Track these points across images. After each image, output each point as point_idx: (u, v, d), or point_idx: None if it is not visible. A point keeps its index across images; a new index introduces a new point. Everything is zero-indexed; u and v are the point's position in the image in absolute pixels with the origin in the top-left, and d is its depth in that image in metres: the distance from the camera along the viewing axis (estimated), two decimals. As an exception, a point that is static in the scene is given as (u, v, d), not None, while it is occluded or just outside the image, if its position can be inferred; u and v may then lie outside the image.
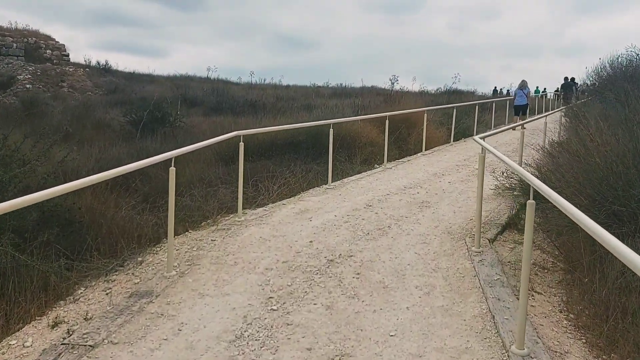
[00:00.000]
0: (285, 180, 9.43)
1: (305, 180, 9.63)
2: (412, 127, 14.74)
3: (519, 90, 19.03)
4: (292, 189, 8.88)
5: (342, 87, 36.02)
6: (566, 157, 6.95)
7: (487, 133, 6.93)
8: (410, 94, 30.31)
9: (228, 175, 10.41)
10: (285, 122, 13.22)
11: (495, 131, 7.59)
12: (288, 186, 8.91)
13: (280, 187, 8.90)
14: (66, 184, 3.80)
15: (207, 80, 37.66)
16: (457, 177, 9.96)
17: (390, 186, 9.06)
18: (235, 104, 23.15)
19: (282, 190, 8.79)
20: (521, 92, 18.85)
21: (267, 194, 8.51)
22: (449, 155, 12.80)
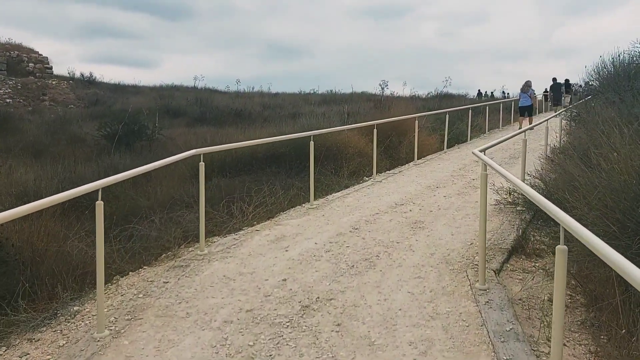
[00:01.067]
0: (262, 199, 8.43)
1: (286, 198, 8.63)
2: (403, 135, 13.79)
3: (521, 92, 18.76)
4: (270, 210, 7.87)
5: (332, 93, 35.06)
6: (582, 170, 5.98)
7: (488, 144, 5.96)
8: (401, 99, 29.36)
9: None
10: (267, 133, 12.22)
11: (497, 141, 6.61)
12: (265, 207, 7.90)
13: (257, 208, 7.88)
14: None
15: (193, 89, 36.60)
16: (453, 190, 8.98)
17: (380, 203, 8.07)
18: (219, 114, 22.15)
19: (259, 211, 7.78)
20: (524, 95, 18.59)
21: (241, 216, 7.50)
22: (442, 164, 11.83)
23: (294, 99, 31.64)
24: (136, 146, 15.40)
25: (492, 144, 6.10)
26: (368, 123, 10.58)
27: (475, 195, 8.51)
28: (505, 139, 7.17)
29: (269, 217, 7.59)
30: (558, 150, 9.91)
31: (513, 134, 7.55)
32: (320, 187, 9.46)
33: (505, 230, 6.50)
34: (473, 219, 7.06)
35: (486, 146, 5.75)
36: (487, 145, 5.78)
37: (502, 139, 6.95)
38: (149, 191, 9.64)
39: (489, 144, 5.97)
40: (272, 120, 20.99)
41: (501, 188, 7.97)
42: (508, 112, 22.04)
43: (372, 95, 31.16)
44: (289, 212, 7.68)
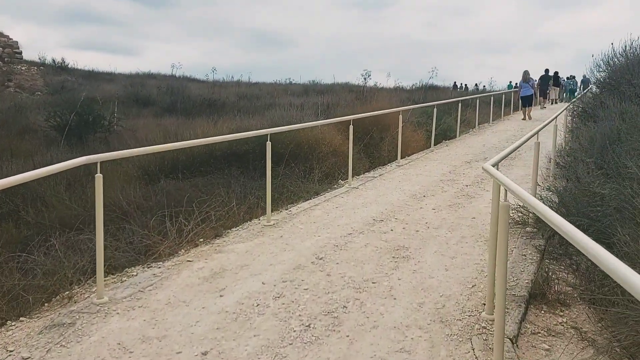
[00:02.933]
0: (213, 209, 6.72)
1: (241, 209, 6.94)
2: (385, 131, 12.10)
3: (523, 82, 18.66)
4: (216, 227, 6.15)
5: (314, 83, 33.24)
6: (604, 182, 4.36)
7: (500, 155, 4.30)
8: (384, 90, 27.71)
9: (145, 200, 7.71)
10: (235, 126, 10.48)
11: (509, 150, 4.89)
12: (210, 223, 6.18)
13: (201, 224, 6.17)
14: None
15: (171, 78, 34.59)
16: (443, 200, 7.33)
17: (354, 219, 6.39)
18: (191, 104, 20.28)
19: (203, 228, 6.07)
20: (526, 85, 18.51)
21: (177, 237, 5.78)
22: (430, 165, 10.17)
23: (273, 89, 29.79)
24: (90, 139, 13.57)
25: (504, 155, 4.41)
26: (343, 118, 8.87)
27: (471, 207, 6.87)
28: (518, 146, 5.48)
29: (214, 236, 5.88)
30: (565, 153, 8.29)
31: (524, 138, 5.89)
32: (284, 195, 7.76)
33: (515, 265, 4.85)
34: (472, 244, 5.41)
35: (499, 157, 4.06)
36: (499, 157, 4.10)
37: (514, 146, 5.26)
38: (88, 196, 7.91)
39: (501, 154, 4.29)
40: (247, 111, 19.26)
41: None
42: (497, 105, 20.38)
43: (355, 86, 29.42)
44: (238, 232, 5.96)
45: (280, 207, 7.33)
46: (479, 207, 6.93)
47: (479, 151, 11.67)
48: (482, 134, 15.04)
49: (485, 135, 14.67)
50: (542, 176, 8.49)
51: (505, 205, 3.12)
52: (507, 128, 16.40)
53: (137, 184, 8.47)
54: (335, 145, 9.84)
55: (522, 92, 18.57)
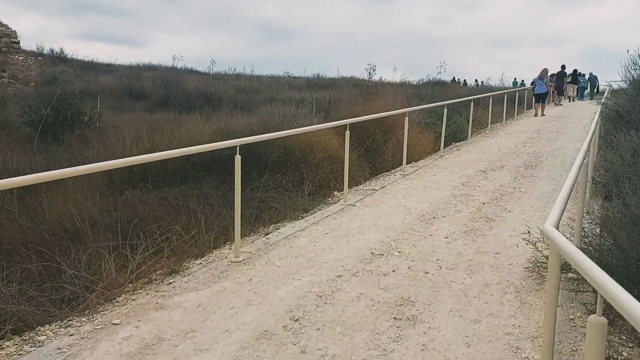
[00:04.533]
0: (174, 233, 5.39)
1: (210, 235, 5.59)
2: (389, 132, 10.70)
3: (538, 79, 18.51)
4: (176, 259, 4.80)
5: (318, 77, 31.78)
6: None
7: (557, 208, 2.87)
8: (390, 85, 26.25)
9: (102, 216, 6.40)
10: (210, 129, 9.09)
11: (566, 191, 3.40)
12: (174, 250, 4.84)
13: (157, 255, 4.83)
14: None
15: (171, 69, 33.22)
16: (457, 224, 5.94)
17: (347, 251, 5.02)
18: (186, 97, 18.92)
19: (157, 260, 4.73)
20: (540, 81, 18.38)
21: (120, 274, 4.43)
22: (439, 175, 8.75)
23: (275, 83, 28.36)
24: (68, 136, 12.23)
25: (561, 209, 2.93)
26: (337, 122, 7.42)
27: (492, 236, 5.48)
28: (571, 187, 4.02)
29: (170, 272, 4.54)
30: (602, 167, 6.85)
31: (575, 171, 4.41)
32: (266, 213, 6.39)
33: (563, 337, 3.46)
34: (498, 297, 4.03)
35: (556, 214, 2.64)
36: (556, 213, 2.68)
37: (567, 187, 3.75)
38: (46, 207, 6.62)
39: (558, 208, 2.83)
40: (244, 106, 17.90)
41: (539, 238, 4.93)
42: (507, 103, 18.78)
43: (360, 80, 28.00)
44: (195, 273, 4.59)
45: (258, 229, 5.98)
46: (501, 235, 5.54)
47: (495, 157, 10.24)
48: (496, 136, 13.58)
49: (499, 138, 13.21)
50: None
51: (598, 322, 1.72)
52: (521, 129, 14.93)
53: (97, 195, 7.14)
54: (331, 151, 8.45)
55: (537, 90, 18.46)
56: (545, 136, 13.29)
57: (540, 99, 18.41)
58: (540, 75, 18.51)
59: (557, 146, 11.56)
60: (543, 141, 12.40)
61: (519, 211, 6.47)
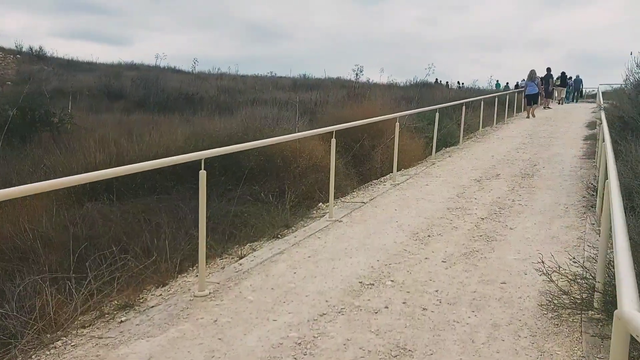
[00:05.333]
0: (131, 259, 4.67)
1: (181, 252, 4.87)
2: (378, 137, 10.03)
3: (529, 81, 18.57)
4: (127, 293, 4.06)
5: (305, 78, 31.07)
6: None
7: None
8: (377, 86, 25.63)
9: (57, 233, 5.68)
10: (183, 133, 8.32)
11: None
12: (119, 286, 4.10)
13: (106, 288, 4.10)
14: None
15: (154, 68, 32.27)
16: (455, 245, 5.27)
17: (332, 280, 4.31)
18: (165, 98, 18.10)
19: (104, 296, 3.99)
20: (531, 83, 18.44)
21: (55, 320, 3.68)
22: (432, 184, 8.08)
23: (261, 83, 27.59)
24: (36, 139, 11.39)
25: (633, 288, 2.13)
26: (322, 130, 6.67)
27: (495, 259, 4.82)
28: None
29: (122, 305, 3.80)
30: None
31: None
32: (241, 230, 5.68)
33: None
34: (511, 344, 3.34)
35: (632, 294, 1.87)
36: (632, 292, 1.90)
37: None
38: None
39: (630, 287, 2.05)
40: (226, 107, 17.16)
41: (551, 267, 4.27)
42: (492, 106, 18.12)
43: (347, 81, 27.32)
44: (150, 311, 3.85)
45: (231, 249, 5.26)
46: (506, 259, 4.87)
47: (488, 165, 9.60)
48: (487, 141, 12.97)
49: (491, 143, 12.60)
50: (574, 206, 6.45)
51: None
52: (513, 134, 14.35)
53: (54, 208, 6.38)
54: (316, 158, 7.75)
55: (528, 91, 18.55)
56: (538, 141, 12.71)
57: (531, 101, 18.53)
58: (530, 77, 18.58)
59: (553, 153, 10.97)
60: (537, 147, 11.81)
61: (521, 228, 5.81)
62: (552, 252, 4.98)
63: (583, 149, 11.33)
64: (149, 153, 7.53)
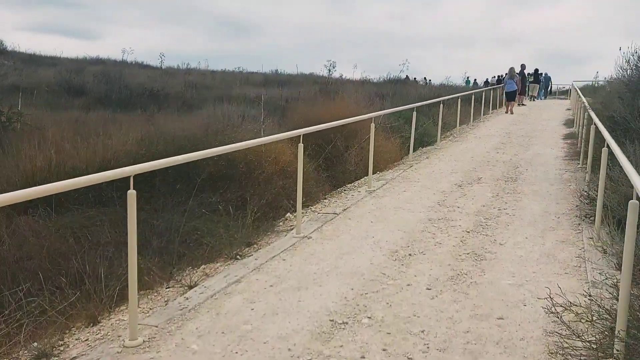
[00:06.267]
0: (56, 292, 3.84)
1: (120, 280, 4.05)
2: (351, 137, 9.28)
3: (509, 79, 19.06)
4: (47, 335, 3.22)
5: (276, 73, 30.15)
6: None
7: None
8: (350, 83, 24.88)
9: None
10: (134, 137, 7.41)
11: None
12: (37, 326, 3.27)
13: (19, 331, 3.25)
14: None
15: (121, 63, 30.97)
16: (440, 266, 4.55)
17: (296, 321, 3.53)
18: (128, 94, 17.04)
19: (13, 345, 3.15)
20: (511, 80, 18.86)
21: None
22: (411, 190, 7.37)
23: (231, 78, 26.58)
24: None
25: None
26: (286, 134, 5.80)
27: (487, 285, 4.13)
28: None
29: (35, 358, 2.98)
30: (611, 199, 5.55)
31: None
32: (196, 252, 4.87)
33: None
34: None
35: None
36: None
37: None
38: None
39: None
40: (194, 103, 16.22)
41: (555, 296, 3.57)
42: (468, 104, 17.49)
43: (320, 77, 26.52)
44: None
45: (180, 276, 4.45)
46: (500, 284, 4.17)
47: (469, 167, 8.95)
48: (465, 140, 12.35)
49: (469, 142, 11.98)
50: (566, 215, 5.78)
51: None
52: (490, 132, 13.78)
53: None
54: (284, 163, 6.95)
55: (507, 88, 19.05)
56: (516, 140, 12.15)
57: (511, 97, 19.08)
58: (510, 75, 19.15)
59: (533, 153, 10.39)
60: (516, 147, 11.23)
61: (512, 244, 5.13)
62: (550, 276, 4.31)
63: (564, 149, 10.79)
64: (94, 159, 6.64)
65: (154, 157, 6.64)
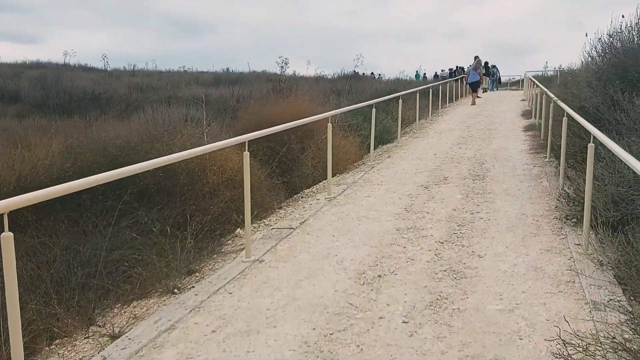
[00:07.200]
0: None
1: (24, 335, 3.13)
2: (307, 137, 8.52)
3: (472, 70, 19.89)
4: None
5: (227, 72, 29.09)
6: None
7: None
8: (304, 79, 24.15)
9: None
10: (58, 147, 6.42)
11: None
12: None
13: None
14: None
15: (63, 67, 29.25)
16: (415, 287, 3.85)
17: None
18: (68, 99, 15.75)
19: None
20: (474, 72, 19.70)
21: None
22: (374, 194, 6.66)
23: (181, 79, 25.37)
24: None
25: None
26: (228, 141, 4.89)
27: (471, 310, 3.46)
28: None
29: None
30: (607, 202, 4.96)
31: None
32: (124, 284, 4.00)
33: None
34: None
35: None
36: None
37: None
38: None
39: None
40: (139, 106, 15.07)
41: (556, 321, 2.90)
42: (426, 98, 16.93)
43: (273, 74, 25.66)
44: None
45: (103, 318, 3.59)
46: (486, 310, 3.49)
47: (433, 165, 8.33)
48: (426, 136, 11.78)
49: (429, 138, 11.41)
50: (545, 217, 5.17)
51: None
52: (450, 126, 13.28)
53: None
54: (231, 171, 6.11)
55: (470, 79, 19.89)
56: (477, 134, 11.66)
57: (474, 87, 19.92)
58: (475, 66, 20.07)
59: (497, 147, 9.89)
60: (478, 141, 10.73)
61: (492, 256, 4.49)
62: (542, 296, 3.67)
63: (527, 142, 10.34)
64: (9, 176, 5.64)
65: (81, 170, 5.74)
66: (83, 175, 5.15)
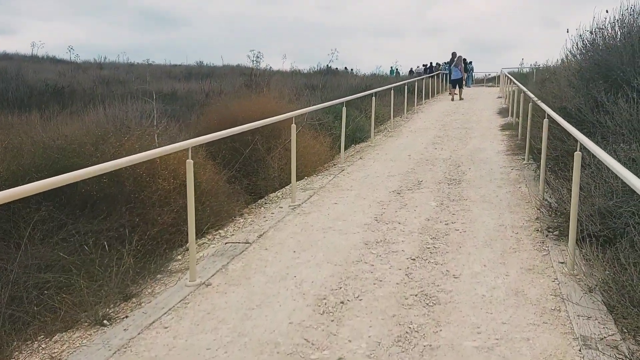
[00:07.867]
0: None
1: None
2: (275, 137, 7.95)
3: (454, 67, 19.46)
4: None
5: (200, 65, 28.21)
6: None
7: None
8: (279, 74, 23.45)
9: None
10: None
11: None
12: None
13: None
14: None
15: (31, 58, 28.04)
16: (383, 317, 3.33)
17: None
18: (28, 92, 14.86)
19: None
20: (456, 69, 19.30)
21: None
22: (342, 201, 6.13)
23: (152, 72, 24.45)
24: None
25: None
26: (168, 148, 4.29)
27: (445, 348, 2.92)
28: None
29: None
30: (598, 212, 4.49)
31: None
32: (48, 313, 3.40)
33: None
34: None
35: None
36: None
37: None
38: None
39: None
40: (104, 100, 14.28)
41: None
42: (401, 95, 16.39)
43: (247, 68, 24.88)
44: None
45: (27, 348, 2.99)
46: (463, 349, 2.99)
47: (407, 168, 7.85)
48: (400, 135, 11.29)
49: (404, 137, 10.93)
50: (524, 228, 4.70)
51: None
52: (425, 125, 12.83)
53: None
54: (184, 177, 5.50)
55: (453, 76, 19.57)
56: (453, 133, 11.23)
57: (456, 84, 19.53)
58: (456, 63, 19.56)
59: (473, 148, 9.45)
60: (454, 141, 10.29)
61: (468, 276, 4.00)
62: (526, 329, 3.19)
63: (504, 142, 9.93)
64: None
65: (16, 174, 5.12)
66: (19, 181, 4.54)
